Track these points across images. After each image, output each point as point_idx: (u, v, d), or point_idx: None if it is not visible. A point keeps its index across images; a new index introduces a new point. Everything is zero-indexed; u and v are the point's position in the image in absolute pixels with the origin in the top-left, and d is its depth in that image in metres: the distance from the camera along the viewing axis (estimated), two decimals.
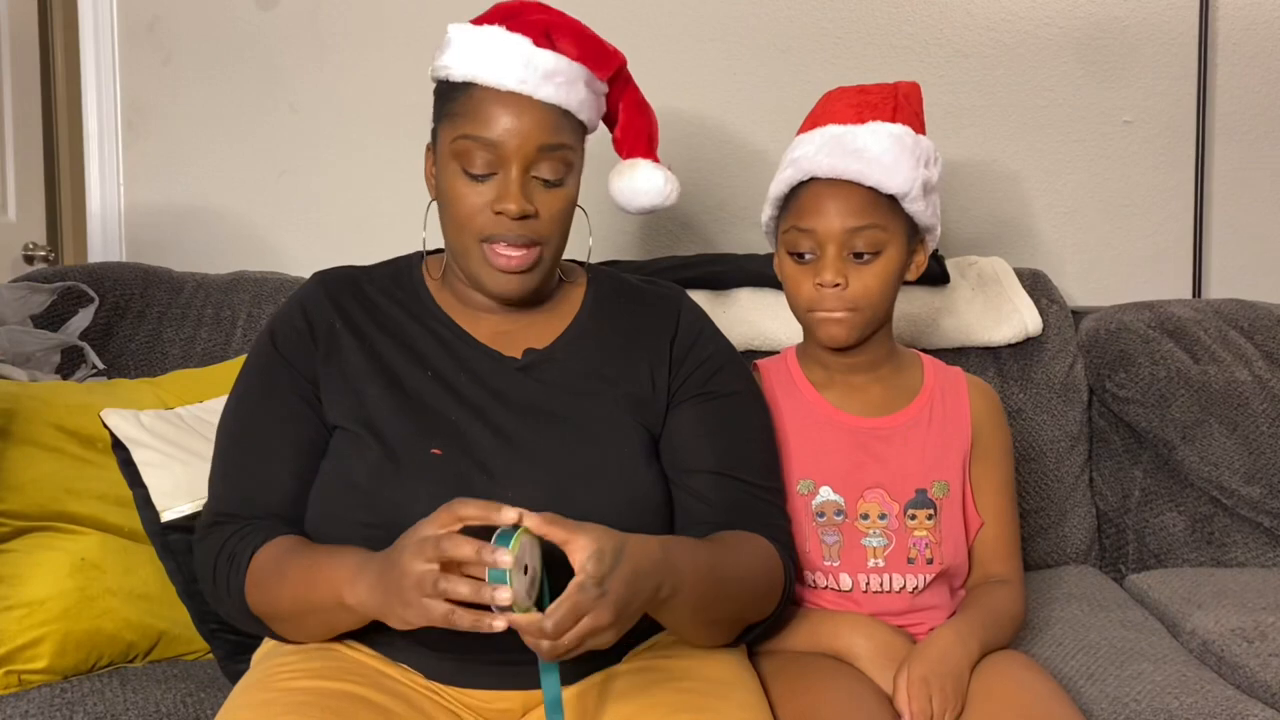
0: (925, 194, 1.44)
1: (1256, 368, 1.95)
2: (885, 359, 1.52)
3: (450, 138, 1.29)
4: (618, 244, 2.21)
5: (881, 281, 1.43)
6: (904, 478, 1.47)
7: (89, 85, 2.25)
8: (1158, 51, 2.19)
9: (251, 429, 1.33)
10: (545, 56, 1.29)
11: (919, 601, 1.45)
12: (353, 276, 1.40)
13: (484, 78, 1.28)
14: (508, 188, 1.27)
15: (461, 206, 1.29)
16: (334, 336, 1.34)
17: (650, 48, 2.17)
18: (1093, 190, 2.22)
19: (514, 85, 1.27)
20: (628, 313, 1.41)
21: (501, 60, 1.28)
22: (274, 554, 1.24)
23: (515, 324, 1.37)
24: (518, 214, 1.26)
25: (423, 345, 1.34)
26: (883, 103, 1.45)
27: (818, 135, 1.45)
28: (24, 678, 1.42)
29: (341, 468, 1.28)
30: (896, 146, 1.41)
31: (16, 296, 1.78)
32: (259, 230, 2.25)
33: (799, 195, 1.45)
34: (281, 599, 1.22)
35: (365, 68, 2.21)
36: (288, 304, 1.39)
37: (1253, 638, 1.56)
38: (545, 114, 1.28)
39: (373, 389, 1.31)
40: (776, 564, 1.31)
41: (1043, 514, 1.92)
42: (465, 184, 1.28)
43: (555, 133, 1.28)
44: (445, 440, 1.27)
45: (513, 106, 1.27)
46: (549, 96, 1.28)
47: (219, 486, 1.33)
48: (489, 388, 1.32)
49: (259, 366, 1.36)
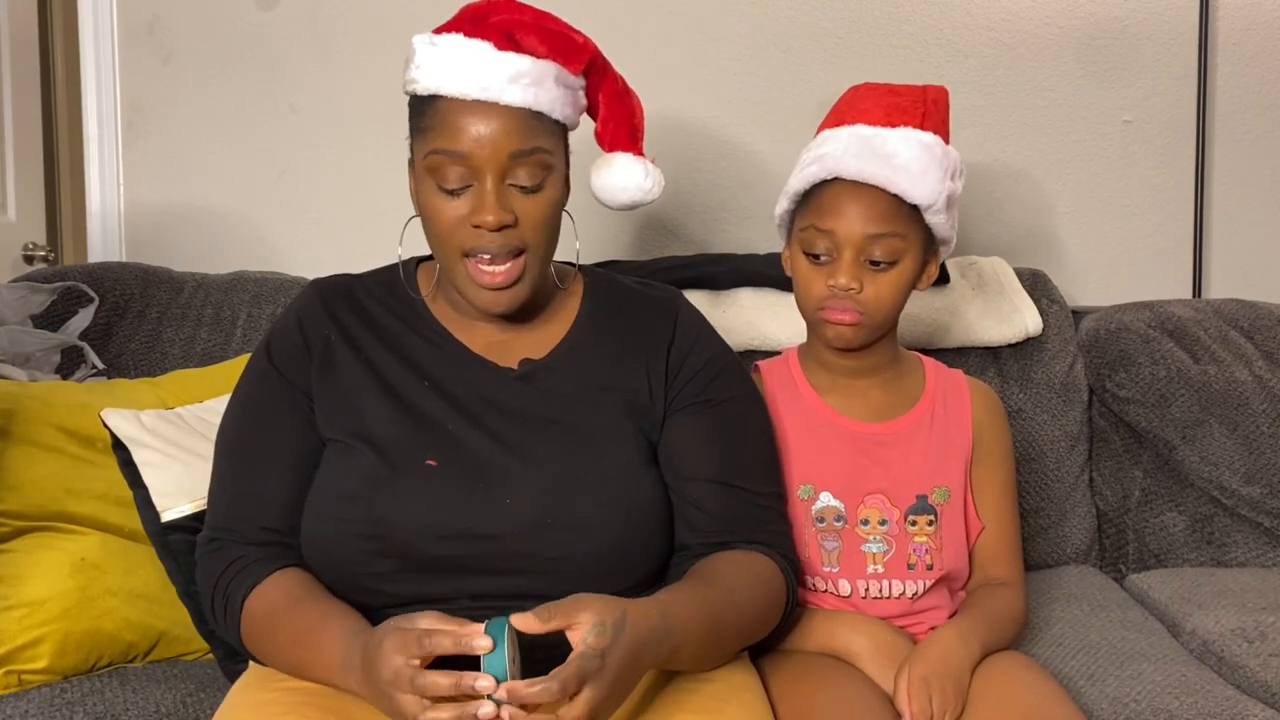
0: (948, 207, 1.42)
1: (1256, 368, 1.95)
2: (888, 364, 1.51)
3: (422, 154, 1.26)
4: (620, 244, 2.21)
5: (894, 290, 1.41)
6: (905, 483, 1.46)
7: (89, 85, 2.25)
8: (1158, 51, 2.19)
9: (248, 443, 1.33)
10: (508, 60, 1.24)
11: (917, 604, 1.45)
12: (348, 286, 1.39)
13: (447, 89, 1.24)
14: (483, 200, 1.23)
15: (440, 222, 1.26)
16: (329, 349, 1.33)
17: (651, 48, 2.17)
18: (1093, 190, 2.22)
19: (478, 94, 1.23)
20: (625, 319, 1.39)
21: (462, 69, 1.24)
22: (264, 607, 1.23)
23: (511, 333, 1.36)
24: (495, 225, 1.23)
25: (419, 355, 1.33)
26: (913, 107, 1.42)
27: (845, 134, 1.41)
28: (24, 678, 1.42)
29: (337, 479, 1.27)
30: (926, 156, 1.39)
31: (16, 296, 1.78)
32: (259, 230, 2.25)
33: (820, 193, 1.42)
34: (276, 660, 1.22)
35: (365, 68, 2.21)
36: (284, 315, 1.38)
37: (1253, 638, 1.56)
38: (514, 119, 1.24)
39: (369, 400, 1.30)
40: (778, 583, 1.30)
41: (1043, 514, 1.92)
42: (441, 200, 1.25)
43: (527, 137, 1.24)
44: (442, 450, 1.26)
45: (479, 115, 1.23)
46: (516, 100, 1.23)
47: (217, 502, 1.33)
48: (486, 397, 1.30)
49: (255, 379, 1.35)
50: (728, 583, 1.25)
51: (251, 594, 1.24)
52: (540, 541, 1.23)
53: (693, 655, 1.20)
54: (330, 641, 1.16)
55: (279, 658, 1.22)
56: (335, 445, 1.30)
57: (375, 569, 1.23)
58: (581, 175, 1.36)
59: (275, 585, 1.24)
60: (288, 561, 1.27)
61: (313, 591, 1.24)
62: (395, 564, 1.23)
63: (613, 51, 1.38)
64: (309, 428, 1.31)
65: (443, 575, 1.23)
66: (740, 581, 1.26)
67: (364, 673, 1.08)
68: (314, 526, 1.27)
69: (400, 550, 1.23)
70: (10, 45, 2.49)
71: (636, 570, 1.28)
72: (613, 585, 1.25)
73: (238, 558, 1.27)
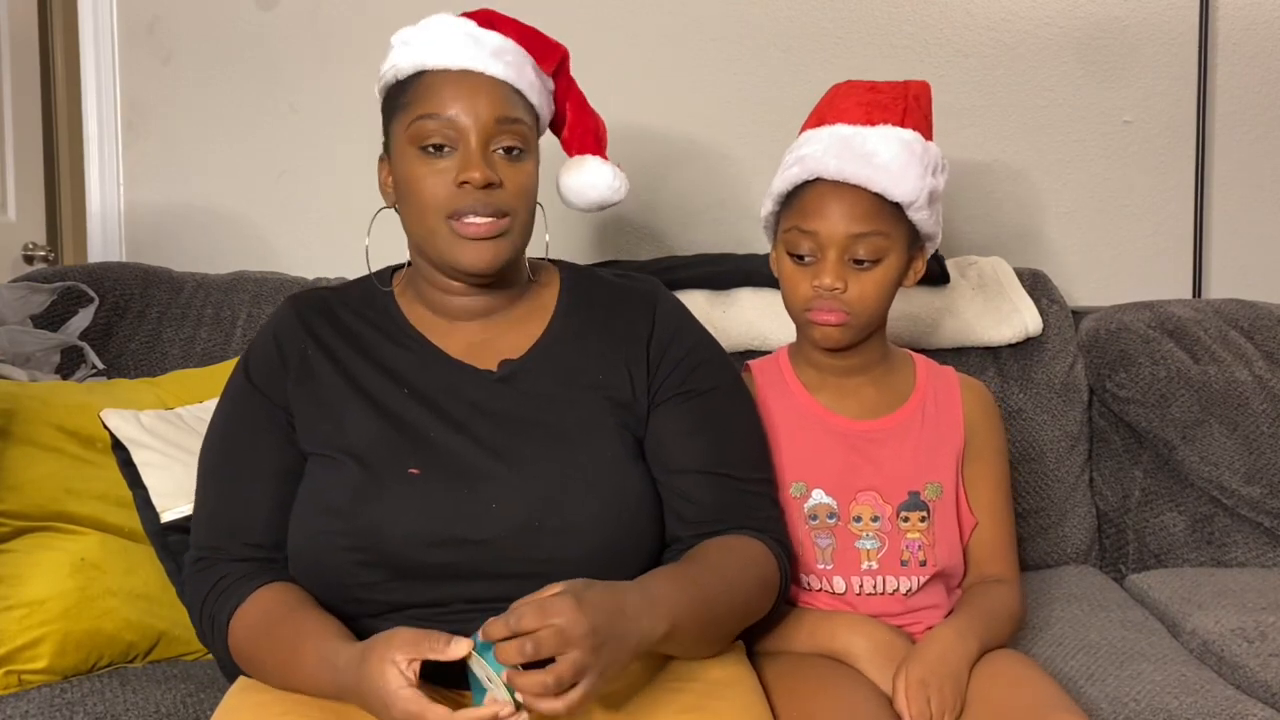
0: (930, 203, 1.42)
1: (1256, 368, 1.95)
2: (878, 361, 1.51)
3: (405, 124, 1.28)
4: (618, 245, 2.21)
5: (880, 288, 1.42)
6: (896, 480, 1.46)
7: (89, 85, 2.25)
8: (1158, 51, 2.19)
9: (229, 460, 1.33)
10: (492, 36, 1.31)
11: (914, 603, 1.45)
12: (324, 299, 1.39)
13: (433, 62, 1.29)
14: (469, 158, 1.25)
15: (424, 187, 1.27)
16: (306, 363, 1.33)
17: (651, 48, 2.17)
18: (1093, 190, 2.22)
19: (465, 63, 1.28)
20: (603, 313, 1.38)
21: (448, 42, 1.29)
22: (249, 625, 1.23)
23: (489, 332, 1.35)
24: (482, 182, 1.24)
25: (397, 363, 1.33)
26: (893, 103, 1.42)
27: (825, 134, 1.42)
28: (24, 678, 1.42)
29: (320, 492, 1.27)
30: (906, 153, 1.39)
31: (16, 296, 1.78)
32: (259, 230, 2.25)
33: (803, 194, 1.43)
34: (268, 677, 1.22)
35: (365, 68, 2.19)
36: (261, 332, 1.39)
37: (1253, 638, 1.56)
38: (498, 87, 1.29)
39: (350, 411, 1.30)
40: (770, 564, 1.30)
41: (1043, 514, 1.92)
42: (425, 164, 1.27)
43: (510, 106, 1.29)
44: (425, 458, 1.26)
45: (465, 83, 1.28)
46: (500, 73, 1.29)
47: (200, 520, 1.33)
48: (467, 402, 1.30)
49: (235, 397, 1.36)
50: (715, 561, 1.25)
51: (234, 616, 1.24)
52: (529, 545, 1.22)
53: (687, 635, 1.19)
54: (314, 664, 1.16)
55: (268, 675, 1.22)
56: (317, 459, 1.29)
57: (364, 579, 1.23)
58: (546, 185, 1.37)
59: (256, 606, 1.24)
60: (271, 577, 1.27)
61: (290, 611, 1.23)
62: (384, 573, 1.23)
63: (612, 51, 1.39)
64: (289, 443, 1.31)
65: (433, 582, 1.22)
66: (729, 560, 1.27)
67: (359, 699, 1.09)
68: (300, 541, 1.27)
69: (388, 560, 1.22)
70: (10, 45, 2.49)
71: (628, 567, 1.27)
72: None
73: (221, 578, 1.27)
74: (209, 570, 1.28)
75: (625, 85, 2.14)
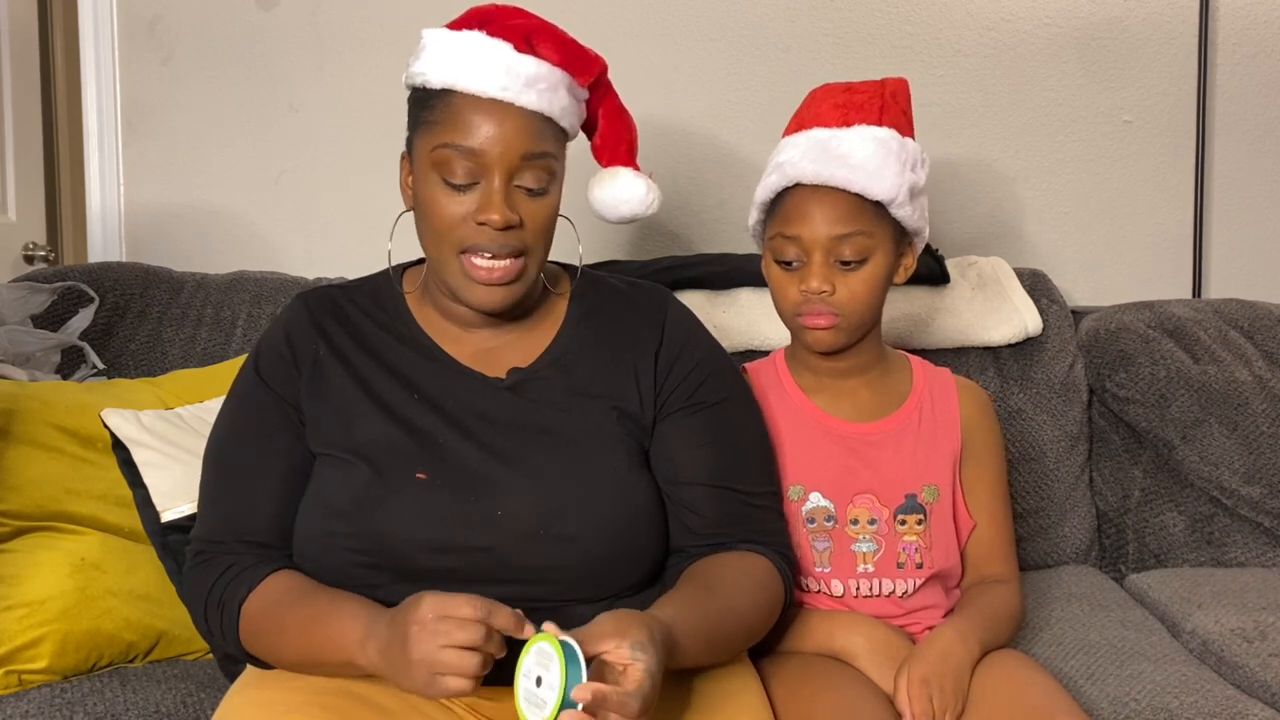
0: (912, 198, 1.42)
1: (1256, 368, 1.95)
2: (874, 362, 1.51)
3: (429, 146, 1.25)
4: (618, 245, 2.21)
5: (868, 288, 1.42)
6: (893, 483, 1.46)
7: (89, 85, 2.25)
8: (1158, 51, 2.19)
9: (236, 455, 1.32)
10: (527, 62, 1.25)
11: (911, 604, 1.45)
12: (334, 298, 1.38)
13: (464, 85, 1.23)
14: (490, 198, 1.23)
15: (442, 217, 1.25)
16: (318, 364, 1.33)
17: (651, 48, 2.17)
18: (1093, 190, 2.22)
19: (496, 92, 1.23)
20: (612, 322, 1.38)
21: (482, 67, 1.23)
22: (266, 604, 1.23)
23: (499, 340, 1.35)
24: (502, 224, 1.22)
25: (407, 368, 1.32)
26: (869, 103, 1.43)
27: (803, 139, 1.43)
28: (24, 678, 1.42)
29: (328, 493, 1.27)
30: (882, 151, 1.39)
31: (16, 296, 1.78)
32: (259, 230, 2.25)
33: (784, 201, 1.43)
34: (284, 652, 1.22)
35: (365, 68, 2.21)
36: (271, 328, 1.38)
37: (1253, 638, 1.56)
38: (528, 121, 1.24)
39: (359, 414, 1.29)
40: (775, 583, 1.30)
41: (1042, 514, 1.92)
42: (445, 194, 1.24)
43: (539, 140, 1.24)
44: (432, 463, 1.26)
45: (495, 114, 1.23)
46: (531, 104, 1.24)
47: (206, 514, 1.32)
48: (475, 409, 1.30)
49: (244, 393, 1.35)
50: (728, 592, 1.25)
51: (250, 596, 1.24)
52: (533, 552, 1.23)
53: (693, 661, 1.20)
54: (349, 619, 1.16)
55: (286, 648, 1.21)
56: (326, 459, 1.29)
57: (369, 581, 1.23)
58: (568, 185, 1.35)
59: (275, 583, 1.24)
60: (282, 565, 1.27)
61: (316, 586, 1.24)
62: (388, 576, 1.23)
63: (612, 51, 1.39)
64: (298, 442, 1.31)
65: (437, 586, 1.21)
66: (740, 588, 1.26)
67: (390, 636, 1.09)
68: (306, 541, 1.27)
69: (393, 563, 1.23)
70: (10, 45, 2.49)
71: (631, 576, 1.28)
72: (607, 591, 1.25)
73: (230, 565, 1.27)
74: (214, 560, 1.28)
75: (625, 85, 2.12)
